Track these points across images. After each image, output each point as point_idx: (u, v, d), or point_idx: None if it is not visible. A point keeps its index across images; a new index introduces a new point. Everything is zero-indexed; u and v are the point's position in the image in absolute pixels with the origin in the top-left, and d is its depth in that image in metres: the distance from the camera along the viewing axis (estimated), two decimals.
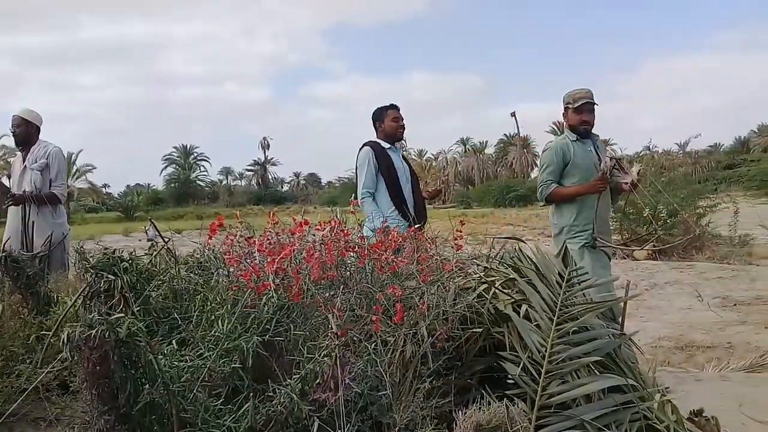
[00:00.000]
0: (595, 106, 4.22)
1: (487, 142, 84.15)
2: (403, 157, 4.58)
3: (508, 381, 2.50)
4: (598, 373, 2.52)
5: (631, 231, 12.93)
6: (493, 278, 2.88)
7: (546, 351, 2.51)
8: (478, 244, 4.18)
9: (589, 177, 4.14)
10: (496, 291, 2.77)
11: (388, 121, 4.48)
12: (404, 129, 4.57)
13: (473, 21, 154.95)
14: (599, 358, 2.55)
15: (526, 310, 2.65)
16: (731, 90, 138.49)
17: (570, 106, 4.20)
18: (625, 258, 12.01)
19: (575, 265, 3.98)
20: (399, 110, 4.56)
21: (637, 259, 11.68)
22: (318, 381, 1.88)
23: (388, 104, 4.58)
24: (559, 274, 2.82)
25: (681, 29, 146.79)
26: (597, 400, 2.44)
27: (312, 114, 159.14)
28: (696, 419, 2.87)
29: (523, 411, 2.31)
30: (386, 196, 4.31)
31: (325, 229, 2.56)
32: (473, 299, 2.69)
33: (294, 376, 1.91)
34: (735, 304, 6.96)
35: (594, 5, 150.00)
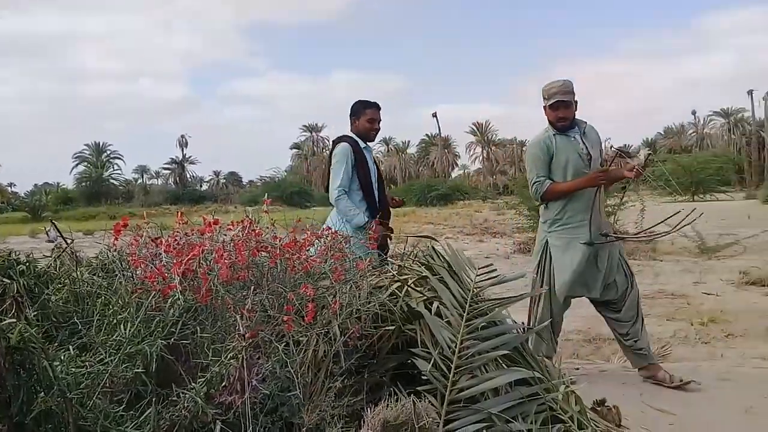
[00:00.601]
0: (574, 100, 3.96)
1: (409, 142, 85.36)
2: (373, 158, 4.45)
3: (422, 377, 2.54)
4: (506, 367, 2.60)
5: None
6: (406, 276, 2.91)
7: (456, 347, 2.56)
8: (396, 243, 4.21)
9: (577, 168, 3.91)
10: (409, 289, 2.80)
11: (363, 120, 4.27)
12: (378, 132, 4.39)
13: (394, 21, 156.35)
14: (507, 352, 2.63)
15: (438, 307, 2.70)
16: (639, 94, 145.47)
17: (545, 102, 3.97)
18: None
19: (547, 260, 3.97)
20: (379, 111, 4.35)
21: None
22: (224, 384, 1.85)
23: (369, 101, 4.36)
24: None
25: (591, 35, 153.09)
26: (504, 393, 2.52)
27: (232, 112, 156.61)
28: (599, 409, 3.00)
29: (433, 406, 2.35)
30: (359, 195, 4.16)
31: (236, 228, 2.52)
32: (386, 297, 2.71)
33: (199, 380, 1.87)
34: None
35: (511, 7, 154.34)
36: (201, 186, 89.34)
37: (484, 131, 79.87)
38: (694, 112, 77.04)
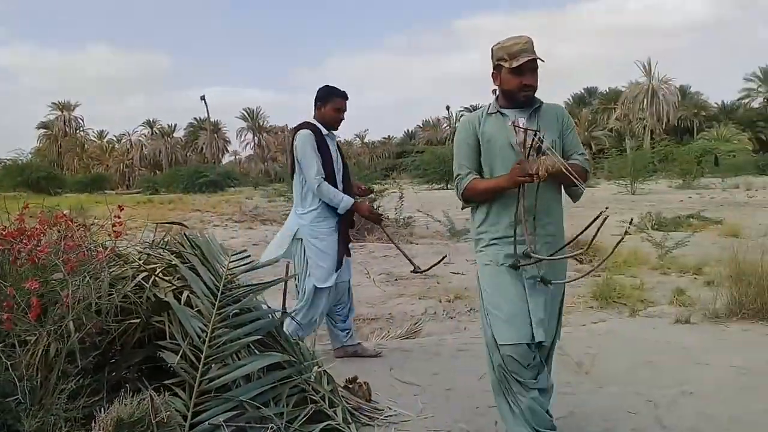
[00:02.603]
0: (540, 62, 2.73)
1: (176, 125, 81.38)
2: (337, 145, 4.23)
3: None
4: (258, 353, 2.59)
5: None
6: (154, 265, 2.77)
7: (207, 336, 2.50)
8: (153, 231, 3.98)
9: (505, 161, 2.74)
10: (157, 278, 2.67)
11: (329, 108, 4.06)
12: (342, 121, 4.20)
13: None
14: (260, 338, 2.63)
15: (188, 296, 2.60)
16: (401, 87, 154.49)
17: (504, 64, 2.74)
18: None
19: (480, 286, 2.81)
20: (346, 101, 4.17)
21: None
22: None
23: (339, 89, 4.15)
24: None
25: (361, 29, 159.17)
26: (257, 379, 2.51)
27: None
28: (351, 386, 3.14)
29: (180, 399, 2.27)
30: None
31: None
32: (131, 289, 2.55)
33: None
34: (396, 279, 7.80)
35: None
36: None
37: (256, 117, 79.18)
38: (447, 108, 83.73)
